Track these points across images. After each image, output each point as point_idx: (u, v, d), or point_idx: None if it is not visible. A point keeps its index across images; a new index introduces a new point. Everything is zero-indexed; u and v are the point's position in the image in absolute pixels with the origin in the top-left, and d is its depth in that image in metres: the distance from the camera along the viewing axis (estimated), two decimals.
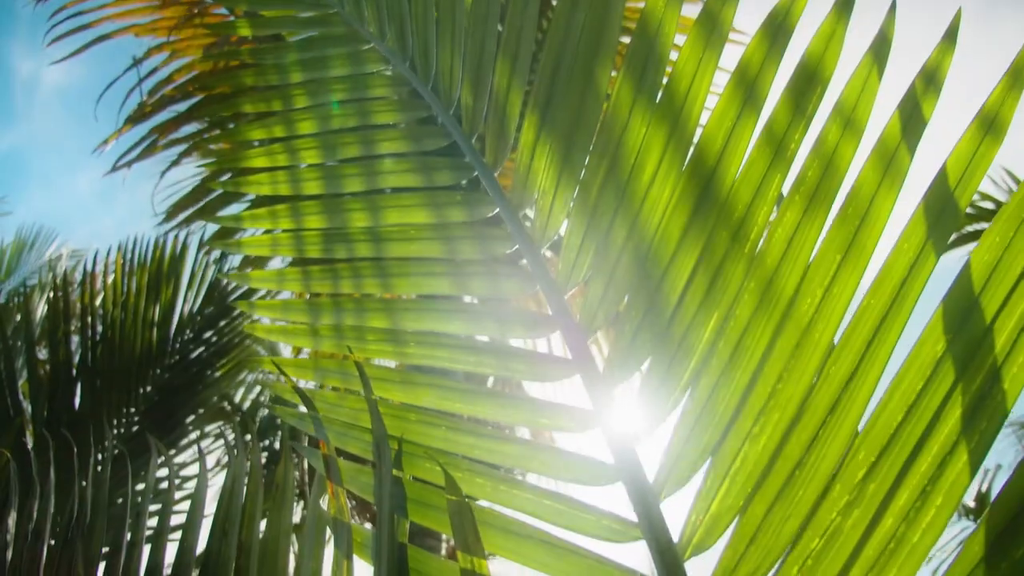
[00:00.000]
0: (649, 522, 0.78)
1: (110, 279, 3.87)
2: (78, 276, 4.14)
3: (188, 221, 3.56)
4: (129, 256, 3.90)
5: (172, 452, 3.87)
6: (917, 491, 0.68)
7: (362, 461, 1.00)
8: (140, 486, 3.48)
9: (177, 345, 4.05)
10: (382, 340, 1.05)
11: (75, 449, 1.69)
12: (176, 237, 4.00)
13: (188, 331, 4.09)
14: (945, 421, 0.68)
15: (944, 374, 0.69)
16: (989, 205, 4.27)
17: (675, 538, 0.78)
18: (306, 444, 1.05)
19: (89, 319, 3.66)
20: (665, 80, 0.95)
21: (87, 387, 3.70)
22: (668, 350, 0.83)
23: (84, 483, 1.42)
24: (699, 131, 0.90)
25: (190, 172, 3.63)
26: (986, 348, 0.68)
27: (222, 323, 4.19)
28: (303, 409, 1.00)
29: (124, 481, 3.03)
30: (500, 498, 0.89)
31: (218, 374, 4.17)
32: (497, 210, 1.06)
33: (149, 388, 3.88)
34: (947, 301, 0.71)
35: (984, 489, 5.47)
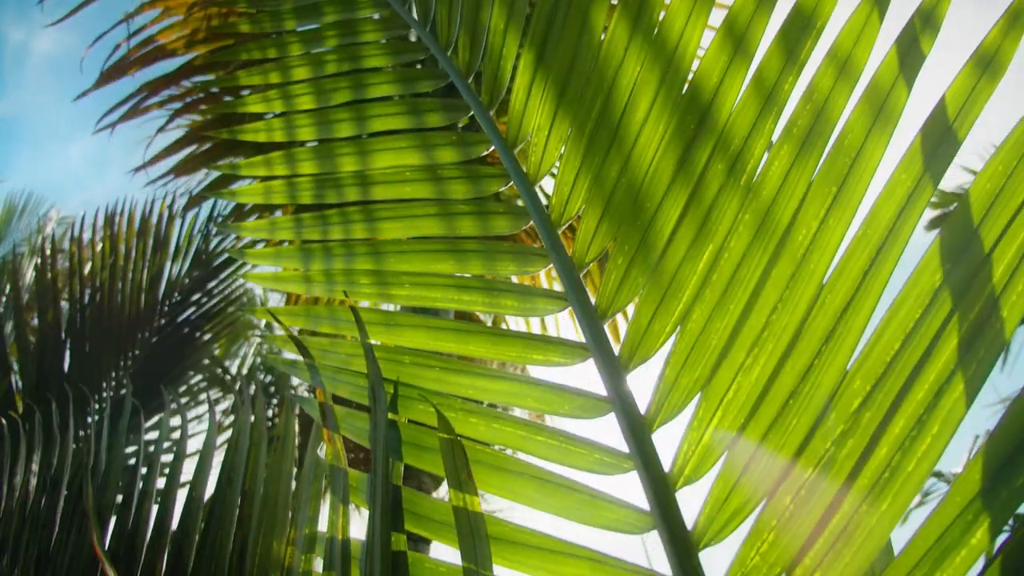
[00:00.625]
0: (641, 453, 0.77)
1: (98, 246, 3.82)
2: (67, 244, 4.09)
3: (178, 173, 3.48)
4: (117, 220, 3.85)
5: (161, 415, 3.85)
6: (913, 420, 0.66)
7: (353, 405, 0.98)
8: (131, 448, 3.46)
9: (166, 308, 4.02)
10: (373, 283, 1.03)
11: (70, 407, 1.67)
12: (164, 201, 3.95)
13: (176, 294, 4.06)
14: (942, 350, 0.67)
15: (942, 303, 0.68)
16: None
17: (667, 468, 0.77)
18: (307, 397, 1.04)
19: (77, 282, 3.62)
20: (660, 18, 0.93)
21: (76, 351, 3.67)
22: (661, 283, 0.82)
23: (77, 442, 1.41)
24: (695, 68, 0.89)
25: (181, 134, 3.55)
26: (984, 277, 0.67)
27: (210, 285, 4.16)
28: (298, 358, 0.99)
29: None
30: (494, 436, 0.87)
31: (207, 337, 4.14)
32: (492, 148, 1.04)
33: (138, 352, 3.84)
34: (946, 230, 0.69)
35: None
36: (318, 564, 0.93)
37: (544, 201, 0.95)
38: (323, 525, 0.91)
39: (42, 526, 1.55)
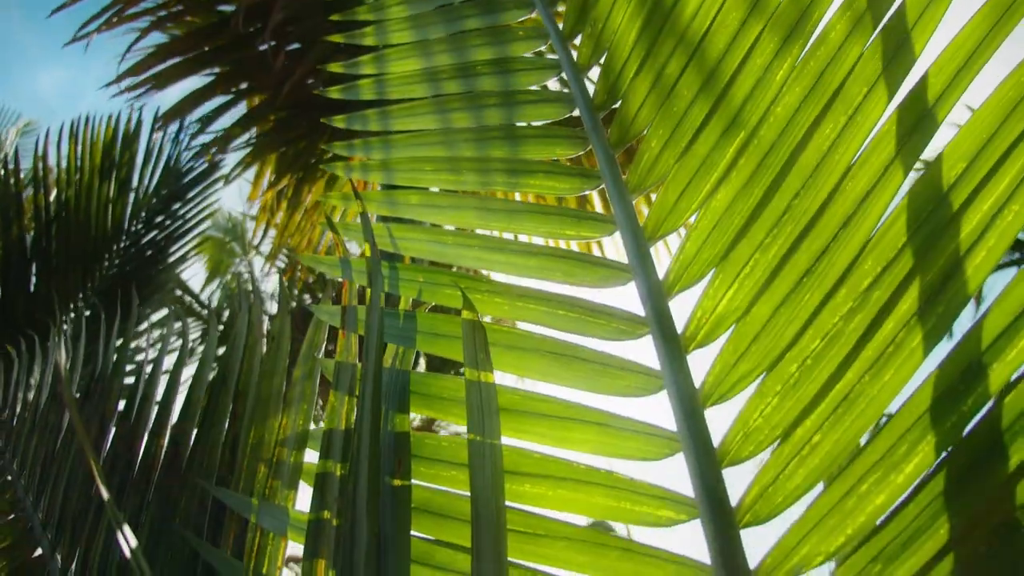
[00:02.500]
0: (657, 319, 0.79)
1: (63, 164, 3.66)
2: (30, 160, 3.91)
3: (157, 85, 3.35)
4: (82, 134, 3.71)
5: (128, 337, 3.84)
6: (921, 299, 0.67)
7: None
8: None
9: (133, 228, 3.91)
10: (440, 169, 1.04)
11: (83, 325, 1.70)
12: (131, 114, 3.82)
13: (144, 212, 3.93)
14: (951, 239, 0.68)
15: (959, 192, 0.69)
16: None
17: (679, 330, 0.79)
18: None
19: (41, 197, 3.49)
20: None
21: (42, 269, 3.56)
22: (691, 165, 0.83)
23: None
24: None
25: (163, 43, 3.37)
26: (1005, 170, 0.68)
27: (176, 206, 4.04)
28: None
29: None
30: (517, 313, 0.89)
31: (179, 255, 4.02)
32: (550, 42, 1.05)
33: (106, 269, 3.71)
34: (971, 123, 0.70)
35: None
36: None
37: (591, 90, 0.96)
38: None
39: (50, 431, 1.59)
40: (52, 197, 3.57)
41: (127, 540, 1.05)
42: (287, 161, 3.69)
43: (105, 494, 1.07)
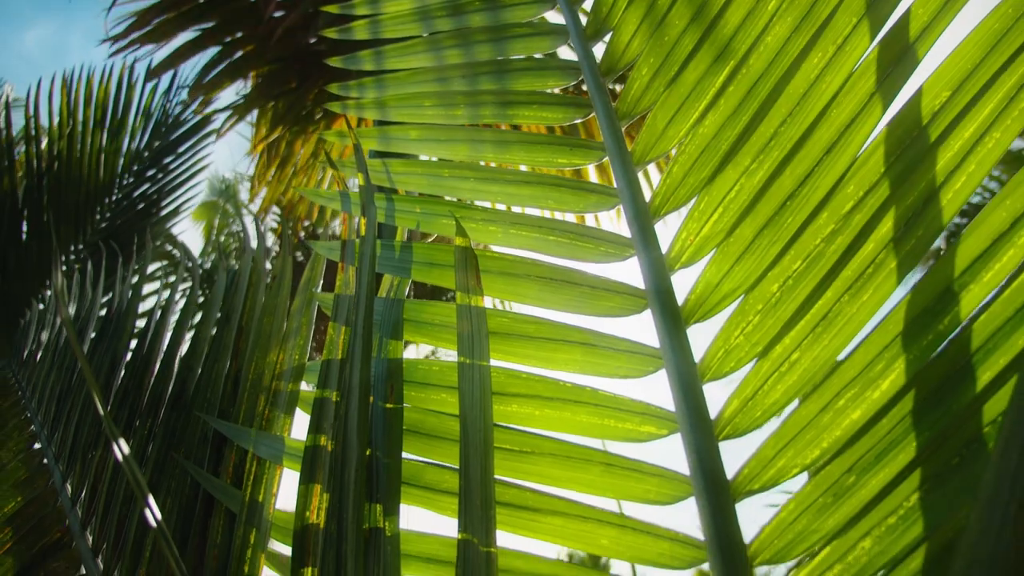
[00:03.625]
0: (643, 239, 0.79)
1: (55, 119, 3.59)
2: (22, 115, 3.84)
3: (149, 39, 3.28)
4: (75, 86, 3.64)
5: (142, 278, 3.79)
6: (901, 222, 0.67)
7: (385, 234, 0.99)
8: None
9: (125, 181, 3.85)
10: (435, 105, 1.03)
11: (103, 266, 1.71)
12: (123, 67, 3.75)
13: (135, 165, 3.87)
14: (929, 165, 0.68)
15: (940, 121, 0.69)
16: None
17: (664, 251, 0.79)
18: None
19: (34, 148, 3.43)
20: None
21: (34, 221, 3.50)
22: (680, 92, 0.82)
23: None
24: None
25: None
26: (988, 98, 0.68)
27: (168, 159, 3.98)
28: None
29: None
30: (510, 240, 0.89)
31: (171, 208, 3.96)
32: None
33: (98, 223, 3.65)
34: (956, 53, 0.70)
35: None
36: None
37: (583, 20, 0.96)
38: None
39: (66, 369, 1.60)
40: (43, 146, 3.49)
41: (133, 471, 1.07)
42: (279, 114, 3.65)
43: (111, 427, 1.09)
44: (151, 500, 0.98)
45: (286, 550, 0.95)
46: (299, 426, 1.17)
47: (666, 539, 0.71)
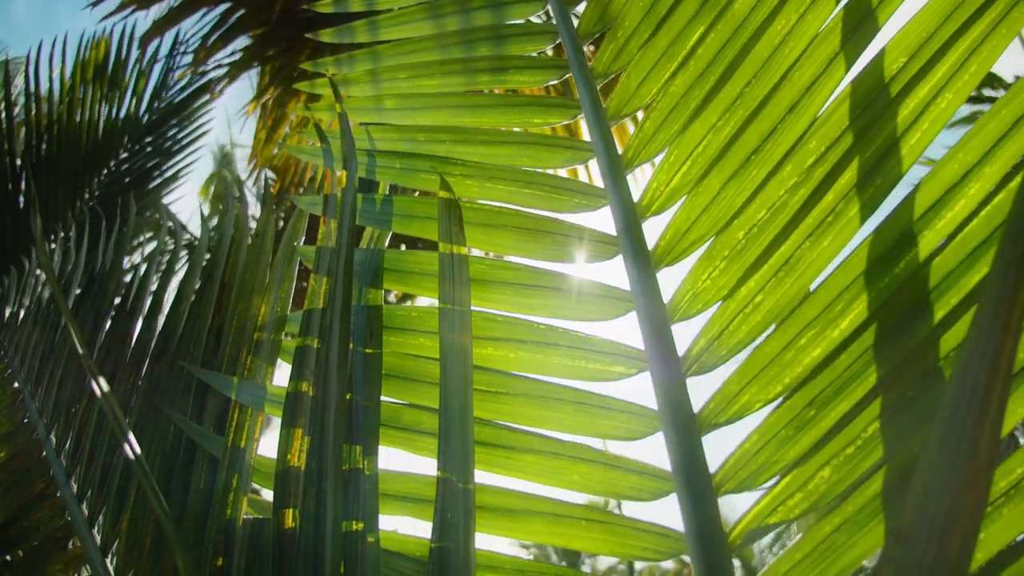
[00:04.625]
0: (615, 189, 0.77)
1: (55, 84, 3.45)
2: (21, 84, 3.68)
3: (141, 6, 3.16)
4: (75, 51, 3.50)
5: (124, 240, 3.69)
6: (861, 174, 0.66)
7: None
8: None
9: (123, 146, 3.71)
10: (411, 76, 1.00)
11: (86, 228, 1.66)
12: (123, 31, 3.62)
13: (133, 130, 3.72)
14: (889, 120, 0.67)
15: (899, 80, 0.68)
16: None
17: (636, 200, 0.77)
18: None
19: (33, 110, 3.27)
20: None
21: (30, 187, 3.35)
22: (652, 55, 0.81)
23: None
24: None
25: None
26: (942, 63, 0.67)
27: (166, 125, 3.86)
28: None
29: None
30: (487, 193, 0.87)
31: (169, 174, 3.85)
32: None
33: (96, 188, 3.52)
34: (914, 21, 0.69)
35: None
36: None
37: None
38: None
39: (50, 327, 1.55)
40: (43, 110, 3.34)
41: (116, 414, 1.02)
42: (272, 73, 3.58)
43: (90, 366, 1.05)
44: (132, 438, 0.94)
45: (268, 495, 0.92)
46: (280, 376, 1.14)
47: (635, 472, 0.69)
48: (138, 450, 0.92)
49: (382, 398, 0.80)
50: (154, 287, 1.33)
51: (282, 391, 0.86)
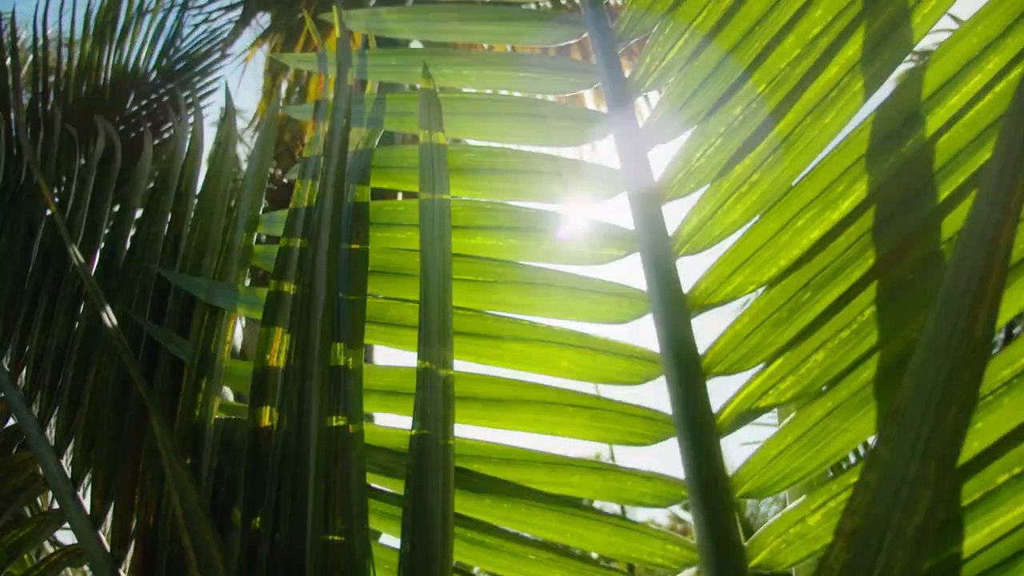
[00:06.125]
0: (608, 69, 0.74)
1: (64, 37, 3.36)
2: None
3: None
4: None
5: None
6: (868, 46, 0.62)
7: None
8: None
9: (131, 98, 3.64)
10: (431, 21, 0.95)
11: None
12: None
13: (141, 86, 3.65)
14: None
15: None
16: None
17: (627, 76, 0.74)
18: None
19: (40, 65, 3.20)
20: None
21: (36, 137, 3.31)
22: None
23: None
24: None
25: None
26: None
27: (172, 83, 3.77)
28: None
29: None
30: (484, 82, 0.83)
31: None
32: None
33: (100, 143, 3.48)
34: None
35: None
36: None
37: None
38: None
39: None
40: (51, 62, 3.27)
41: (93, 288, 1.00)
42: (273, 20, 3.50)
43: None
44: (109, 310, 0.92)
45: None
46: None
47: (624, 356, 0.69)
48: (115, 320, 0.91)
49: (368, 294, 0.79)
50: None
51: (258, 292, 0.85)
